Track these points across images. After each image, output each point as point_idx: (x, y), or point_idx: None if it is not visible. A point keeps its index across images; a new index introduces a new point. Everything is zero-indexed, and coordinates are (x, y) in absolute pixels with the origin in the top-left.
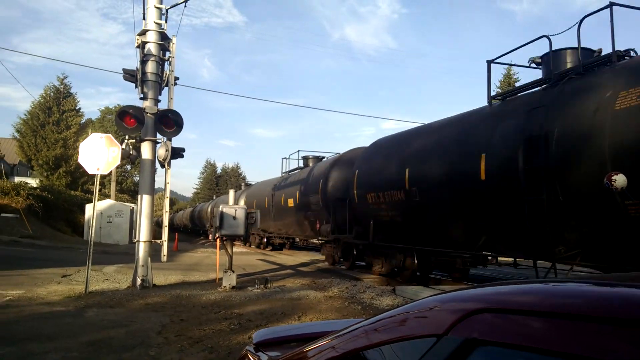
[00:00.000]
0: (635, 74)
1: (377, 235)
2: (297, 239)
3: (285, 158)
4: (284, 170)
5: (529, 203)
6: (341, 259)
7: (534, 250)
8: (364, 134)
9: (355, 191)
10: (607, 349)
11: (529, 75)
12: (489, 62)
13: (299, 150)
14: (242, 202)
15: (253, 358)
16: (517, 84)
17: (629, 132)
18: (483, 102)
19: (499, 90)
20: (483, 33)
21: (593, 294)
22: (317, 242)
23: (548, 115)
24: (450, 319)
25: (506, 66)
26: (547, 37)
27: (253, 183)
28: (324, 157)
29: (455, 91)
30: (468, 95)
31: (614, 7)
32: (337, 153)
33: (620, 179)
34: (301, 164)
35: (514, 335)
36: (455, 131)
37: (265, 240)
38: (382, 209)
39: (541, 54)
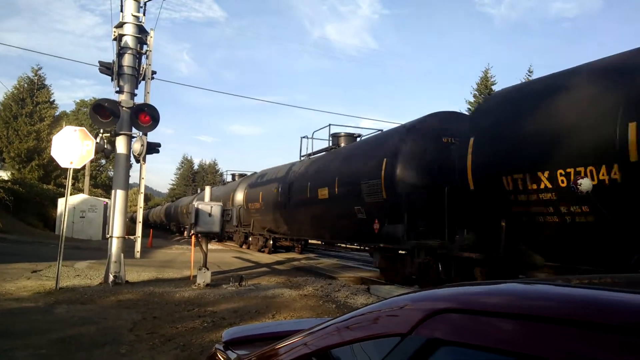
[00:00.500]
0: None
1: (519, 248)
2: (315, 242)
3: (306, 137)
4: (303, 153)
5: None
6: (413, 276)
7: None
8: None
9: (469, 172)
10: (572, 352)
11: (505, 80)
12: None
13: (330, 125)
14: (240, 196)
15: (222, 356)
16: (493, 87)
17: None
18: (460, 101)
19: (476, 92)
20: (462, 35)
21: (560, 297)
22: (366, 248)
23: None
24: (415, 318)
25: (483, 68)
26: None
27: (253, 172)
28: (359, 136)
29: (433, 91)
30: (446, 95)
31: None
32: (378, 130)
33: (585, 183)
34: (330, 143)
35: (477, 336)
36: None
37: (270, 242)
38: (539, 202)
39: None
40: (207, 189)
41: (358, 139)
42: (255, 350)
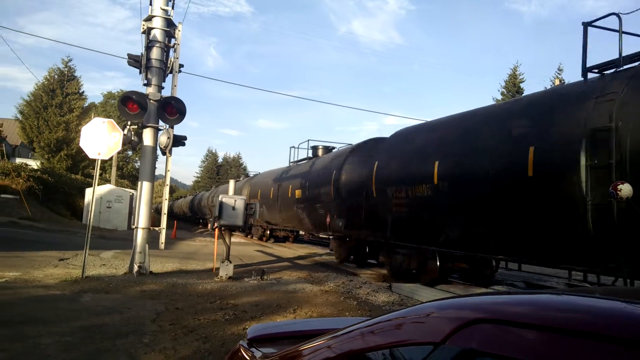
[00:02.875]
0: None
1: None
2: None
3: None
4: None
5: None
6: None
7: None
8: (365, 129)
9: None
10: None
11: (535, 77)
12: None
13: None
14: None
15: (247, 354)
16: (522, 84)
17: None
18: (488, 98)
19: (504, 90)
20: (489, 32)
21: (594, 309)
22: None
23: None
24: (448, 327)
25: (512, 66)
26: None
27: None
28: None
29: (458, 89)
30: (471, 94)
31: None
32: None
33: (625, 189)
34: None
35: (512, 347)
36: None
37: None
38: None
39: None
40: (231, 182)
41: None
42: (279, 350)
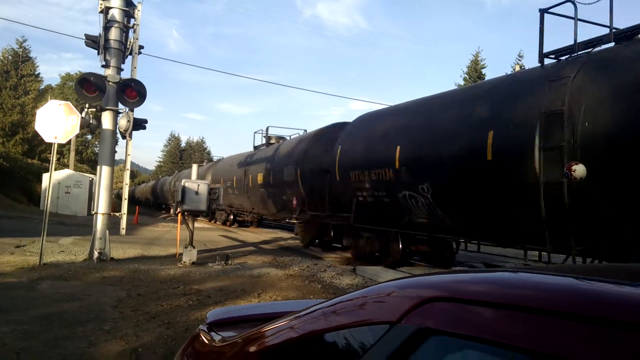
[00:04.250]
0: None
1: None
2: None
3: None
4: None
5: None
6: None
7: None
8: (332, 114)
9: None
10: (562, 344)
11: (496, 64)
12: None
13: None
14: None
15: (206, 337)
16: (483, 70)
17: None
18: (450, 84)
19: (466, 76)
20: (453, 18)
21: (553, 287)
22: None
23: None
24: (404, 306)
25: (474, 52)
26: None
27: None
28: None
29: (422, 74)
30: (434, 79)
31: None
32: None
33: (579, 169)
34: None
35: (468, 325)
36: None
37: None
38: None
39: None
40: (194, 167)
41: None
42: (240, 333)
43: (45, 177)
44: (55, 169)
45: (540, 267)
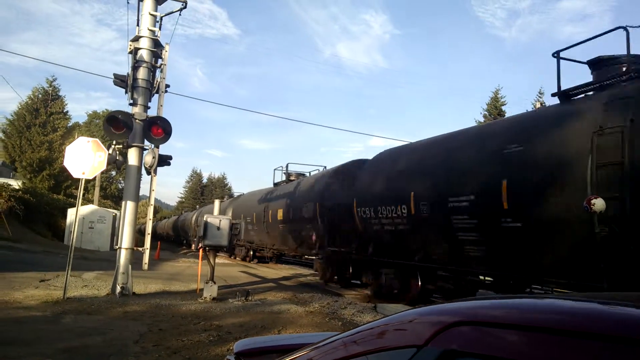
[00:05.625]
0: None
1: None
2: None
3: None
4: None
5: None
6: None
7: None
8: (351, 150)
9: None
10: None
11: (516, 99)
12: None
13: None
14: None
15: None
16: (503, 107)
17: None
18: (470, 121)
19: (486, 113)
20: (472, 56)
21: (570, 310)
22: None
23: None
24: (429, 330)
25: (494, 89)
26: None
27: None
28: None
29: (442, 111)
30: (455, 116)
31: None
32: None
33: (599, 203)
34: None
35: (490, 347)
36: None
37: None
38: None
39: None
40: (216, 202)
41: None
42: None
43: (71, 212)
44: (81, 205)
45: (562, 295)
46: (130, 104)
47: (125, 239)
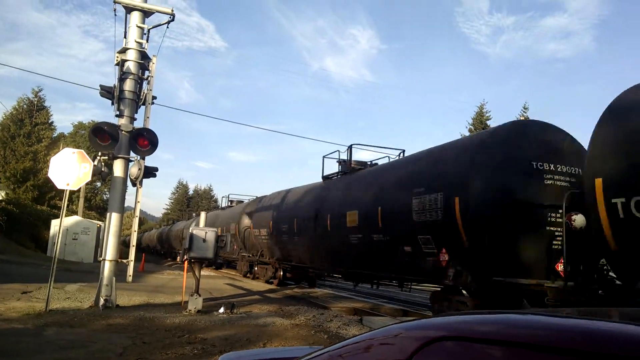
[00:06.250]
0: None
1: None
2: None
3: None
4: (221, 206)
5: None
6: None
7: None
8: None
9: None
10: None
11: (501, 115)
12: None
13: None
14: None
15: None
16: (488, 122)
17: None
18: (456, 134)
19: (471, 127)
20: (458, 70)
21: (554, 326)
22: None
23: None
24: (413, 345)
25: (479, 103)
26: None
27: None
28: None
29: (427, 125)
30: (441, 129)
31: None
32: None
33: (579, 219)
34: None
35: None
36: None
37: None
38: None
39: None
40: (202, 214)
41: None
42: None
43: (54, 223)
44: (65, 216)
45: (543, 310)
46: (117, 116)
47: (110, 251)
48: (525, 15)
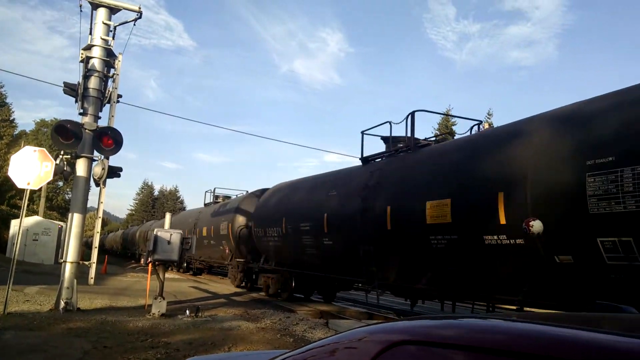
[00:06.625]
0: None
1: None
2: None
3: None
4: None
5: None
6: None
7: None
8: (307, 165)
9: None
10: None
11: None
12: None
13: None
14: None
15: None
16: (454, 127)
17: None
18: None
19: (437, 132)
20: (424, 75)
21: (514, 330)
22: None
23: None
24: (375, 349)
25: (444, 109)
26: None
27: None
28: (234, 196)
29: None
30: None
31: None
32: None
33: (537, 225)
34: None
35: None
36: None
37: (293, 284)
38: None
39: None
40: (168, 215)
41: (234, 196)
42: None
43: (14, 223)
44: (25, 216)
45: (501, 314)
46: (80, 114)
47: (71, 252)
48: (490, 22)
